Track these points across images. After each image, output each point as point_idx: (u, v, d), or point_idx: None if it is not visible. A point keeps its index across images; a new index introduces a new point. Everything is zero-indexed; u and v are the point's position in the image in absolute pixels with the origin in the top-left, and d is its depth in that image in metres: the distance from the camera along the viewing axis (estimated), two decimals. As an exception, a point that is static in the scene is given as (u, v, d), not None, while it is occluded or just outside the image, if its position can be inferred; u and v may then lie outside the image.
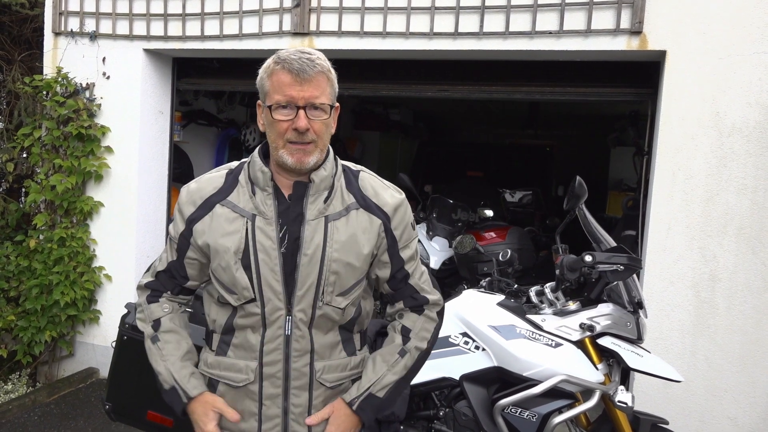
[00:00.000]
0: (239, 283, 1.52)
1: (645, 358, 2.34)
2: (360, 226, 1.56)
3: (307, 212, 1.52)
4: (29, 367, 4.35)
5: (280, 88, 1.45)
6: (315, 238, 1.51)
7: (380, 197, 1.60)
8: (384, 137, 8.85)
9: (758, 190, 3.14)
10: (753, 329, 3.18)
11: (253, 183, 1.55)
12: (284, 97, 1.45)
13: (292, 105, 1.45)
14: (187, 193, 1.60)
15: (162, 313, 1.66)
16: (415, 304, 1.67)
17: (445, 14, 3.57)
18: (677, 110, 3.25)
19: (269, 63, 1.50)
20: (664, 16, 3.24)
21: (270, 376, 1.55)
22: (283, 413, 1.56)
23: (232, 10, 3.96)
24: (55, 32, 4.39)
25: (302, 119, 1.44)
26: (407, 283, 1.65)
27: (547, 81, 3.84)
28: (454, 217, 5.08)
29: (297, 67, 1.43)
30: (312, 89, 1.45)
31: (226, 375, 1.59)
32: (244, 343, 1.56)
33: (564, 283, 2.44)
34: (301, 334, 1.54)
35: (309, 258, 1.51)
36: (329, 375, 1.59)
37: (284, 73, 1.44)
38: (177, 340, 1.65)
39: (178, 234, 1.60)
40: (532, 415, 2.30)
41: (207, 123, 5.70)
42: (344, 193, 1.57)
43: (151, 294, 1.68)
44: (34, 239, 4.21)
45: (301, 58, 1.44)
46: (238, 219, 1.53)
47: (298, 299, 1.52)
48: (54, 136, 4.21)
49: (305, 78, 1.43)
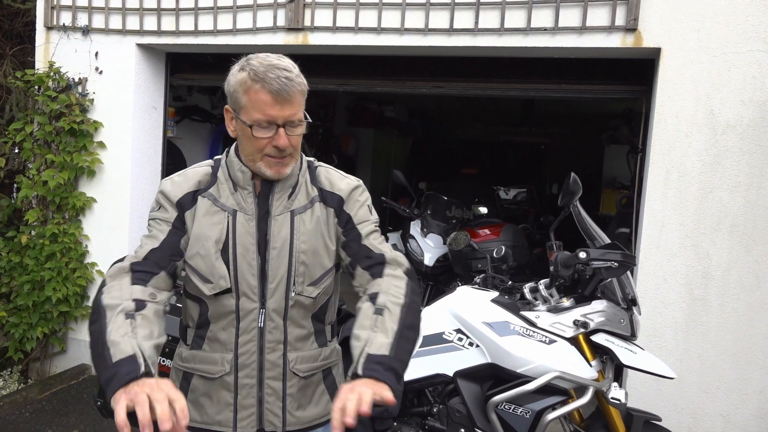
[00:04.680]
0: (217, 271, 1.53)
1: (638, 354, 2.35)
2: (322, 217, 1.61)
3: (272, 208, 1.57)
4: (21, 364, 4.32)
5: (260, 108, 1.45)
6: (282, 232, 1.56)
7: (335, 185, 1.64)
8: (378, 134, 8.84)
9: (751, 188, 3.15)
10: (745, 326, 3.20)
11: (233, 181, 1.59)
12: (265, 117, 1.45)
13: (273, 124, 1.47)
14: (172, 184, 1.60)
15: (148, 297, 1.41)
16: (371, 264, 1.57)
17: (440, 10, 3.56)
18: (671, 108, 3.26)
19: (245, 78, 1.45)
20: (659, 14, 3.24)
21: (245, 367, 1.57)
22: (258, 403, 1.59)
23: (226, 5, 3.94)
24: (47, 26, 4.36)
25: (283, 138, 1.47)
26: (360, 244, 1.59)
27: (541, 78, 3.84)
28: (449, 214, 5.08)
29: (277, 87, 1.42)
30: (291, 108, 1.46)
31: (201, 367, 1.60)
32: (219, 336, 1.58)
33: (558, 280, 2.45)
34: (274, 325, 1.57)
35: (278, 251, 1.56)
36: (302, 365, 1.63)
37: (263, 93, 1.44)
38: (152, 330, 1.34)
39: (173, 217, 1.56)
40: (525, 411, 2.30)
41: (201, 119, 5.68)
42: (309, 187, 1.62)
43: (137, 275, 1.45)
44: (25, 235, 4.19)
45: (279, 77, 1.42)
46: (219, 212, 1.56)
47: (270, 292, 1.56)
48: (46, 131, 4.18)
49: (285, 98, 1.44)
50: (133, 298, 1.39)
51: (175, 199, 1.57)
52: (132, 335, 1.28)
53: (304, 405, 1.65)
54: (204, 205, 1.57)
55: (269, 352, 1.58)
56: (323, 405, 1.69)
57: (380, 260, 1.57)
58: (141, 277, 1.45)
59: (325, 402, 1.70)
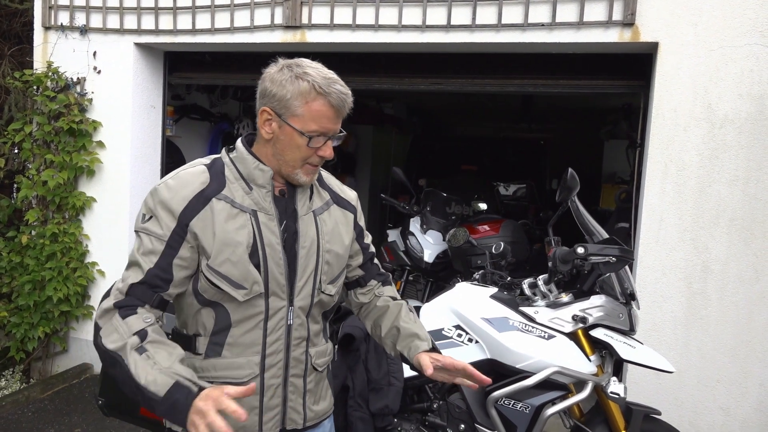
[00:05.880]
0: (252, 276, 1.50)
1: (637, 349, 2.35)
2: (339, 219, 1.70)
3: (299, 208, 1.60)
4: (23, 364, 4.34)
5: (320, 120, 1.50)
6: (309, 231, 1.60)
7: (345, 192, 1.77)
8: (378, 131, 8.83)
9: (750, 182, 3.15)
10: (745, 320, 3.20)
11: (245, 180, 1.55)
12: (322, 129, 1.51)
13: (324, 136, 1.53)
14: (168, 189, 1.50)
15: (144, 324, 1.43)
16: (382, 279, 1.88)
17: (437, 6, 3.56)
18: (669, 102, 3.26)
19: (307, 89, 1.47)
20: (656, 8, 3.24)
21: (271, 367, 1.57)
22: (283, 402, 1.60)
23: (224, 4, 3.94)
24: (45, 26, 4.36)
25: (330, 149, 1.55)
26: (373, 263, 1.86)
27: (539, 74, 3.83)
28: (448, 210, 5.09)
29: (337, 103, 1.50)
30: (340, 122, 1.56)
31: (225, 374, 1.54)
32: (243, 339, 1.54)
33: (557, 275, 2.45)
34: (300, 322, 1.60)
35: (307, 250, 1.59)
36: (320, 360, 1.68)
37: (326, 106, 1.49)
38: (168, 350, 1.42)
39: (170, 231, 1.48)
40: (525, 406, 2.31)
41: (199, 117, 5.67)
42: (320, 191, 1.69)
43: (124, 311, 1.45)
44: (26, 235, 4.19)
45: (339, 93, 1.50)
46: (240, 214, 1.52)
47: (299, 289, 1.58)
48: (45, 131, 4.19)
49: (342, 114, 1.53)
50: (133, 332, 1.42)
51: (177, 209, 1.48)
52: (157, 367, 1.37)
53: (318, 399, 1.70)
54: (223, 209, 1.50)
55: (294, 348, 1.60)
56: (329, 399, 1.76)
57: (387, 276, 1.92)
58: (128, 312, 1.45)
59: (329, 396, 1.77)
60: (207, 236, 1.48)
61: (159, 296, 1.49)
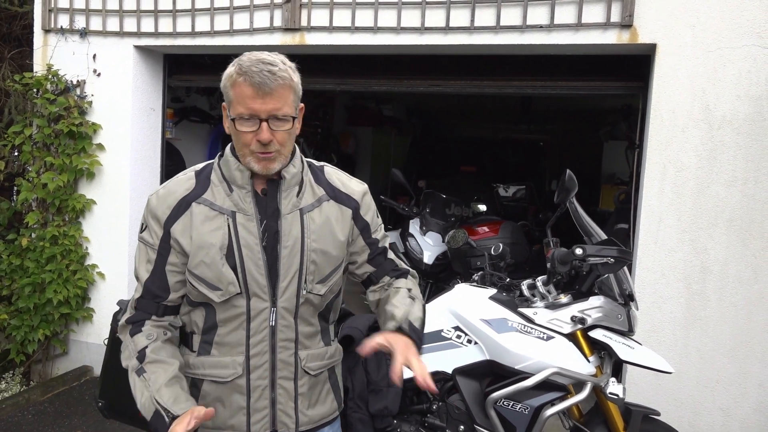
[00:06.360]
0: (225, 278, 1.52)
1: (636, 350, 2.35)
2: (333, 216, 1.63)
3: (282, 207, 1.57)
4: (23, 366, 4.34)
5: (243, 101, 1.45)
6: (293, 230, 1.57)
7: (348, 186, 1.69)
8: (377, 133, 8.85)
9: (748, 182, 3.16)
10: (744, 320, 3.21)
11: (228, 181, 1.57)
12: (247, 110, 1.45)
13: (255, 118, 1.46)
14: (158, 198, 1.58)
15: (146, 342, 1.55)
16: (396, 274, 1.78)
17: (436, 8, 3.57)
18: (667, 103, 3.27)
19: (232, 72, 1.48)
20: (654, 10, 3.25)
21: (257, 368, 1.57)
22: (271, 404, 1.59)
23: (223, 6, 3.95)
24: (45, 29, 4.37)
25: (265, 132, 1.46)
26: (387, 258, 1.76)
27: (538, 75, 3.84)
28: (448, 212, 5.10)
29: (258, 80, 1.42)
30: (274, 102, 1.45)
31: (212, 372, 1.59)
32: (228, 339, 1.57)
33: (555, 276, 2.45)
34: (286, 324, 1.57)
35: (289, 250, 1.56)
36: (312, 363, 1.64)
37: (246, 85, 1.44)
38: (164, 368, 1.52)
39: (158, 240, 1.56)
40: (524, 407, 2.31)
41: (199, 120, 5.69)
42: (314, 187, 1.64)
43: (134, 327, 1.58)
44: (26, 238, 4.20)
45: (262, 71, 1.43)
46: (218, 216, 1.54)
47: (282, 290, 1.56)
48: (45, 133, 4.19)
49: (266, 92, 1.44)
50: (137, 351, 1.55)
51: (162, 217, 1.56)
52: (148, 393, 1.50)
53: (314, 404, 1.66)
54: (201, 211, 1.55)
55: (281, 350, 1.57)
56: (329, 404, 1.71)
57: (405, 271, 1.80)
58: (137, 329, 1.58)
59: (330, 401, 1.72)
60: (185, 240, 1.54)
61: (162, 306, 1.59)
